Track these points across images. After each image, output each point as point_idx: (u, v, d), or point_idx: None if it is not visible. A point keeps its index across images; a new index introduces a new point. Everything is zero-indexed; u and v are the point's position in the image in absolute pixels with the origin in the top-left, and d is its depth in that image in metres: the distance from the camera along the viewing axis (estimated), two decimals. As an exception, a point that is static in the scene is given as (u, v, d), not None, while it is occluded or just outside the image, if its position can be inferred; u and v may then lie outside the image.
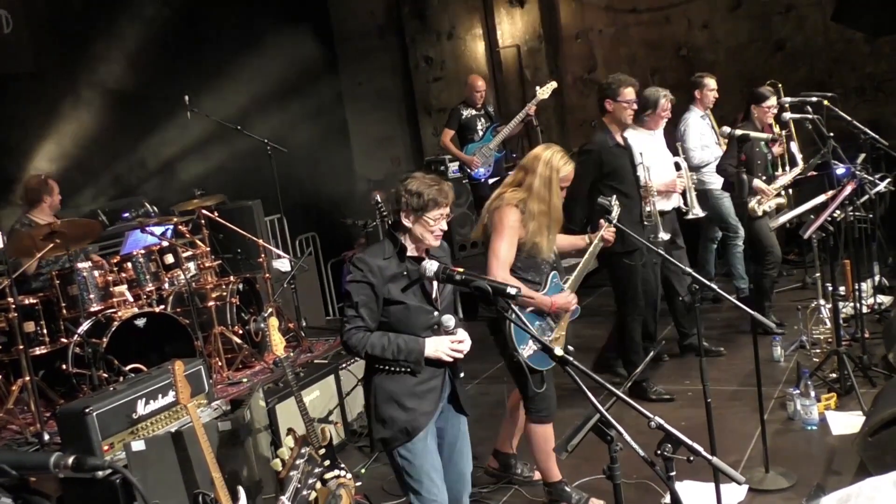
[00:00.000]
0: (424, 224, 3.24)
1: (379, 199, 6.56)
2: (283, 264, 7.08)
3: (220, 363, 5.88)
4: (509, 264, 3.98)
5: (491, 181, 7.86)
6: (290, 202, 7.64)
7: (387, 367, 3.34)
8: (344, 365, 5.79)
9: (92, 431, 4.23)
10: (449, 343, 3.30)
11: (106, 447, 4.27)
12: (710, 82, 6.82)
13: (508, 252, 3.97)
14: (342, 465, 4.36)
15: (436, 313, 3.32)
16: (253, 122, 7.06)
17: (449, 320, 3.31)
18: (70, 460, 1.32)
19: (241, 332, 6.12)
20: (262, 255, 6.49)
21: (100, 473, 4.03)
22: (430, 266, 3.22)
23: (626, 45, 9.73)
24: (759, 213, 6.00)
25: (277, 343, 4.67)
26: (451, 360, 3.35)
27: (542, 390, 4.07)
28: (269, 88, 8.13)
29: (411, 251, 3.33)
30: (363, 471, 5.13)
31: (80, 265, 5.46)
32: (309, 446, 4.07)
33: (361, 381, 3.53)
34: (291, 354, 5.94)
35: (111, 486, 4.12)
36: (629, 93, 5.30)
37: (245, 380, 5.81)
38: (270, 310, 6.37)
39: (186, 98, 6.33)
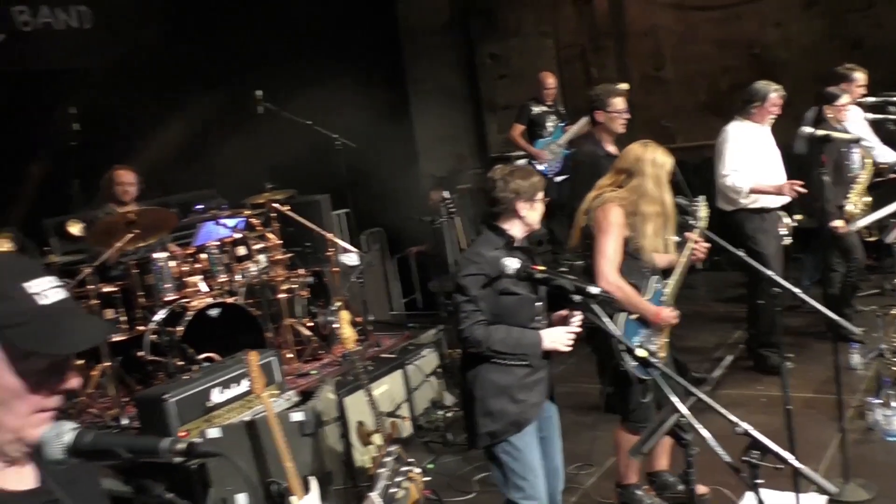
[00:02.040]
0: (537, 208, 3.41)
1: (446, 196, 6.59)
2: (350, 258, 7.12)
3: (289, 355, 5.96)
4: (618, 264, 3.90)
5: (557, 179, 7.83)
6: (355, 197, 7.72)
7: (497, 360, 3.37)
8: (411, 360, 5.84)
9: (170, 417, 4.34)
10: (565, 333, 3.34)
11: (182, 433, 4.37)
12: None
13: (616, 251, 3.89)
14: (411, 460, 4.39)
15: (538, 304, 3.37)
16: (319, 117, 7.12)
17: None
18: (181, 445, 1.34)
19: (310, 324, 6.20)
20: (331, 249, 6.56)
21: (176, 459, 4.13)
22: (511, 263, 3.23)
23: (694, 43, 9.57)
24: (849, 217, 5.86)
25: (348, 337, 4.73)
26: (569, 350, 3.39)
27: (646, 400, 3.98)
28: (336, 83, 8.19)
29: (518, 242, 3.43)
30: (430, 466, 5.16)
31: (156, 255, 5.58)
32: (397, 444, 4.11)
33: (461, 373, 3.53)
34: (360, 348, 5.97)
35: (186, 471, 4.22)
36: (618, 102, 5.31)
37: (314, 372, 5.89)
38: (339, 303, 6.44)
39: (259, 93, 6.42)
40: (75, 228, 6.71)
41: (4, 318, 1.35)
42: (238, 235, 6.03)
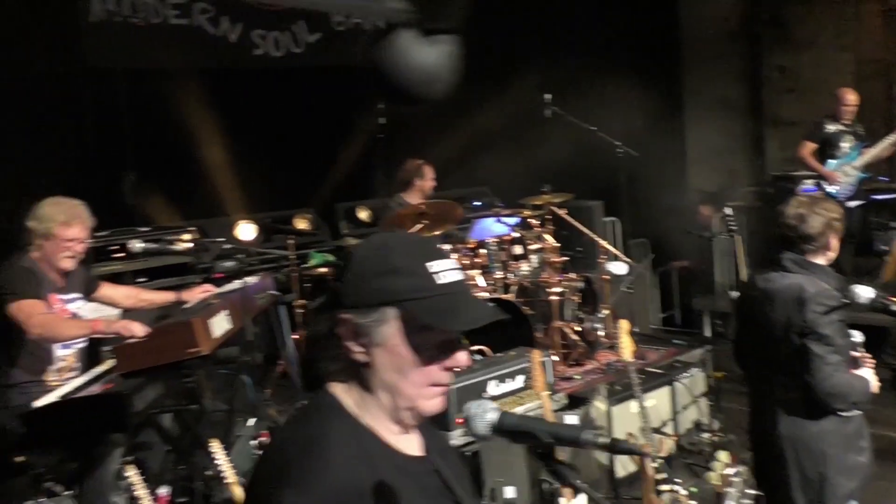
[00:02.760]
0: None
1: (728, 213, 6.33)
2: (619, 267, 7.07)
3: (554, 357, 6.00)
4: None
5: (851, 204, 7.26)
6: (624, 205, 7.65)
7: (841, 411, 3.10)
8: (679, 378, 5.67)
9: (450, 404, 4.52)
10: (873, 375, 3.11)
11: (459, 420, 4.53)
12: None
13: None
14: (677, 479, 4.26)
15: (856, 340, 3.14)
16: (598, 123, 7.09)
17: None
18: (603, 440, 1.37)
19: (577, 329, 6.21)
20: (603, 257, 6.53)
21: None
22: (865, 292, 3.00)
23: None
24: None
25: (626, 346, 4.67)
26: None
27: None
28: (615, 90, 8.15)
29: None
30: (694, 489, 4.99)
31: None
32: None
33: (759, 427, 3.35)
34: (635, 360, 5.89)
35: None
36: None
37: (577, 377, 5.88)
38: (607, 311, 6.41)
39: (548, 97, 6.52)
40: (364, 214, 7.21)
41: (407, 291, 1.45)
42: (516, 234, 6.15)
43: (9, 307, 3.73)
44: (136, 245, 4.28)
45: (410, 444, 1.55)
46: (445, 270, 1.49)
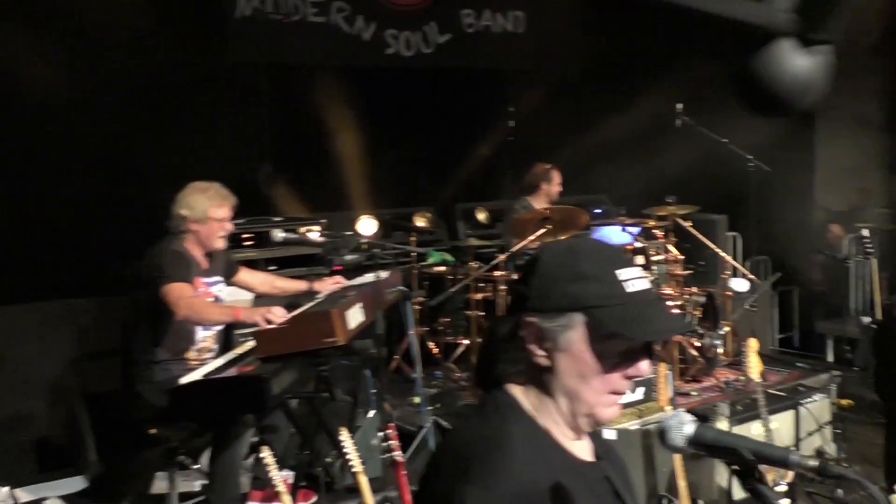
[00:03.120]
0: None
1: (865, 234, 6.10)
2: (741, 284, 6.88)
3: (672, 372, 5.90)
4: None
5: None
6: (748, 220, 7.44)
7: None
8: (805, 402, 5.49)
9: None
10: None
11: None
12: None
13: None
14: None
15: None
16: (721, 134, 6.92)
17: None
18: (813, 463, 1.34)
19: (696, 344, 6.08)
20: (727, 272, 6.37)
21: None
22: None
23: None
24: None
25: (754, 366, 4.57)
26: None
27: None
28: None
29: None
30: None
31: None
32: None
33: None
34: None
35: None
36: None
37: (694, 393, 5.77)
38: (727, 328, 6.26)
39: (679, 106, 6.40)
40: (482, 216, 7.24)
41: (596, 298, 1.45)
42: (639, 244, 6.07)
43: (163, 289, 3.92)
44: (278, 234, 4.43)
45: (583, 450, 1.56)
46: (634, 278, 1.48)
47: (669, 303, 5.91)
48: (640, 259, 6.09)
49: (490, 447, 1.42)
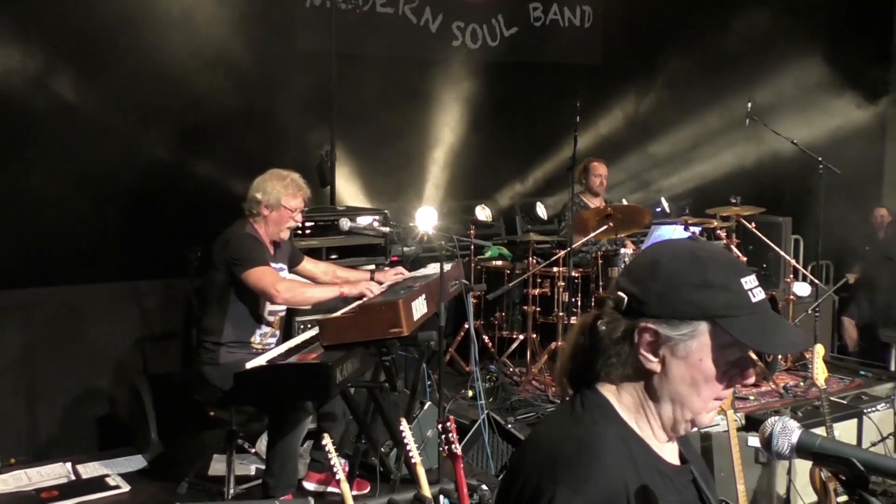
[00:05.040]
0: None
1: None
2: (803, 289, 6.76)
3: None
4: None
5: None
6: (808, 223, 7.29)
7: None
8: (868, 411, 5.36)
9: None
10: None
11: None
12: None
13: None
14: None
15: None
16: (797, 134, 6.78)
17: None
18: None
19: (757, 348, 5.98)
20: (790, 276, 6.25)
21: None
22: None
23: None
24: None
25: (820, 372, 4.49)
26: None
27: None
28: (818, 101, 7.77)
29: None
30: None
31: (623, 250, 5.77)
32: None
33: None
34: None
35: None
36: None
37: (752, 397, 5.68)
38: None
39: (749, 104, 6.29)
40: (541, 210, 7.20)
41: (723, 308, 1.41)
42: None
43: (246, 274, 3.97)
44: (345, 223, 4.47)
45: (672, 453, 1.54)
46: (756, 287, 1.45)
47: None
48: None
49: (580, 448, 1.40)
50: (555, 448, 1.43)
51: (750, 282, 1.44)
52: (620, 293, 1.49)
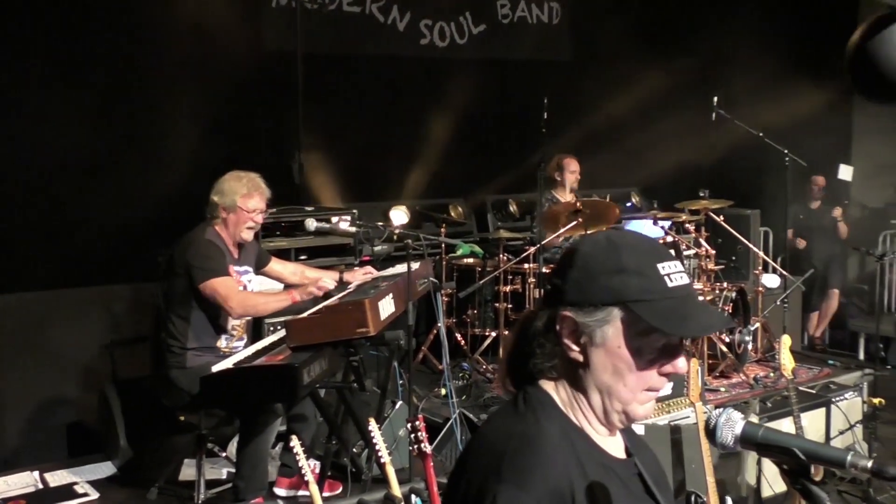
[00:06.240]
0: None
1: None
2: (772, 280, 6.83)
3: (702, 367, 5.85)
4: None
5: None
6: (777, 215, 7.36)
7: None
8: (836, 400, 5.42)
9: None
10: None
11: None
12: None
13: None
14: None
15: None
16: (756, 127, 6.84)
17: None
18: (868, 464, 1.31)
19: (726, 340, 6.03)
20: (759, 268, 6.31)
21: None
22: None
23: None
24: None
25: (787, 362, 4.52)
26: None
27: None
28: (783, 95, 7.84)
29: None
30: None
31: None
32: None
33: None
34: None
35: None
36: None
37: (722, 389, 5.74)
38: (758, 324, 6.20)
39: (715, 98, 6.34)
40: (513, 208, 7.22)
41: (637, 292, 1.40)
42: (671, 239, 6.02)
43: (204, 285, 3.94)
44: (312, 224, 4.44)
45: (616, 446, 1.53)
46: (675, 273, 1.44)
47: (700, 298, 5.87)
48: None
49: (523, 445, 1.40)
50: (499, 446, 1.42)
51: (668, 267, 1.43)
52: (547, 285, 1.49)
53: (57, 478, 4.78)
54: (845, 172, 6.19)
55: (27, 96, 5.31)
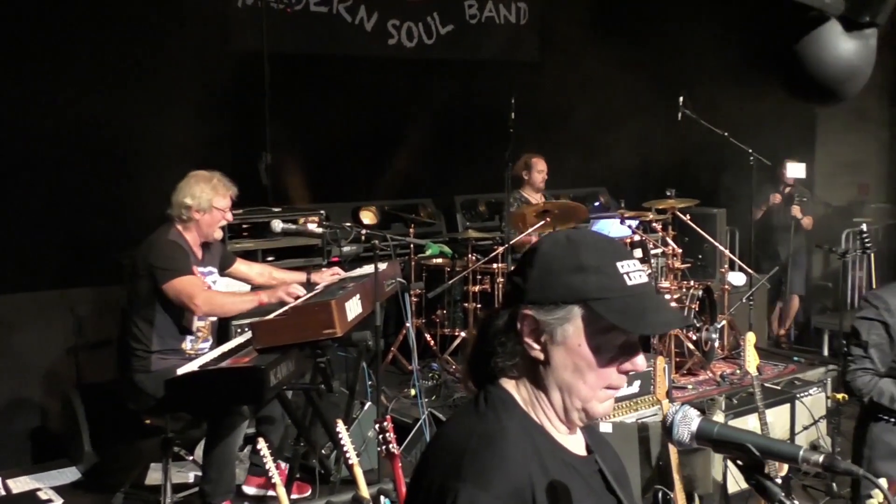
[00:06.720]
0: None
1: (864, 230, 6.09)
2: (738, 278, 6.90)
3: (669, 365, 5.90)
4: None
5: None
6: (744, 215, 7.44)
7: (890, 419, 3.12)
8: (798, 396, 5.50)
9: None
10: None
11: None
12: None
13: None
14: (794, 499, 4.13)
15: None
16: (729, 128, 6.91)
17: None
18: (820, 458, 1.32)
19: (693, 338, 6.09)
20: (724, 267, 6.37)
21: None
22: None
23: None
24: None
25: (751, 359, 4.57)
26: None
27: None
28: (748, 95, 7.92)
29: None
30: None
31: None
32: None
33: (855, 429, 3.30)
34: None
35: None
36: None
37: (690, 386, 5.79)
38: (724, 322, 6.26)
39: (681, 98, 6.39)
40: (482, 207, 7.23)
41: (596, 290, 1.42)
42: (638, 237, 6.07)
43: (168, 285, 3.91)
44: (278, 225, 4.42)
45: (577, 444, 1.54)
46: (634, 271, 1.45)
47: (667, 296, 5.92)
48: (638, 252, 6.08)
49: (484, 443, 1.40)
50: (459, 445, 1.42)
51: (627, 265, 1.45)
52: (508, 284, 1.50)
53: (20, 484, 4.72)
54: (795, 170, 6.25)
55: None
